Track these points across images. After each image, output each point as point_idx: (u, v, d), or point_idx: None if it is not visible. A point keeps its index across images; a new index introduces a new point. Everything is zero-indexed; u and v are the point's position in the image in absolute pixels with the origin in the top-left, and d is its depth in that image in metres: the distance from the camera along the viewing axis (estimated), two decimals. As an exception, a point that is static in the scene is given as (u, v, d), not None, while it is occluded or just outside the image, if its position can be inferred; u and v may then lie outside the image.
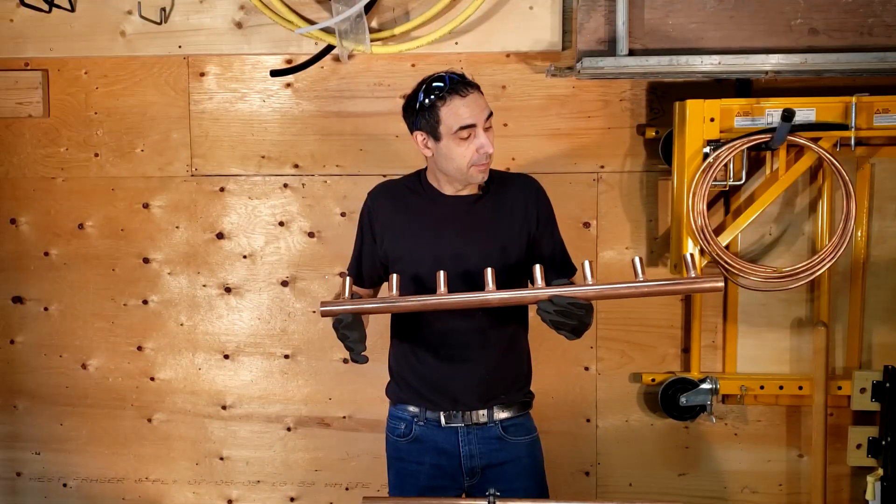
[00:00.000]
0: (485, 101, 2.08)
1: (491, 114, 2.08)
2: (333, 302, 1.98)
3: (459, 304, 1.96)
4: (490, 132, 2.08)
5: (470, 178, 2.10)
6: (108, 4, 2.88)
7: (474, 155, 2.05)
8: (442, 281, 1.95)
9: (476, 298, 1.95)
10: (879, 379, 2.70)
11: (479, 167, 2.07)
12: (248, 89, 2.92)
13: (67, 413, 3.07)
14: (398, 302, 1.97)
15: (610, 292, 1.95)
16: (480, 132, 2.04)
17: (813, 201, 2.78)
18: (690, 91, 2.73)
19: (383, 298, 2.00)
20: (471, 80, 2.08)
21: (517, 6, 2.76)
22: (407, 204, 2.19)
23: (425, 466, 2.20)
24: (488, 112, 2.07)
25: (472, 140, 2.04)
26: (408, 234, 2.17)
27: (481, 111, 2.05)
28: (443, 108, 2.04)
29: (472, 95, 2.05)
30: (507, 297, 1.95)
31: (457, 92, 2.03)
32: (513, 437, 2.20)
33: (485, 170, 2.09)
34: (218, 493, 3.05)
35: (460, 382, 2.15)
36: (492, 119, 2.09)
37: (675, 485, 2.91)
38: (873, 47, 2.52)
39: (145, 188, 2.98)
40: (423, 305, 1.98)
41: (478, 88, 2.08)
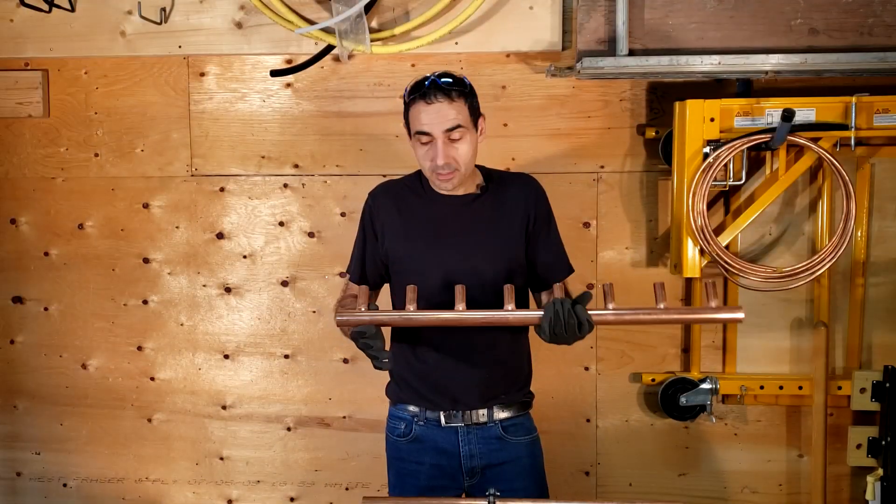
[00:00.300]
0: (454, 114, 2.02)
1: (457, 127, 2.02)
2: (350, 313, 1.95)
3: (478, 321, 1.94)
4: (457, 144, 2.04)
5: (433, 183, 2.11)
6: (108, 4, 2.88)
7: (431, 164, 2.05)
8: (460, 296, 1.92)
9: (496, 317, 1.93)
10: (879, 379, 2.70)
11: (437, 175, 2.07)
12: (248, 89, 2.92)
13: (67, 413, 3.07)
14: (415, 315, 1.94)
15: (630, 318, 1.95)
16: (438, 144, 2.02)
17: (813, 201, 2.78)
18: (690, 91, 2.73)
19: (401, 311, 1.96)
20: (450, 88, 2.02)
21: (517, 6, 2.76)
22: (407, 203, 2.19)
23: (425, 466, 2.20)
24: (449, 126, 2.01)
25: (429, 148, 2.05)
26: (407, 234, 2.17)
27: (441, 122, 2.01)
28: (411, 109, 2.06)
29: (438, 105, 2.01)
30: (524, 316, 1.93)
31: (424, 97, 2.02)
32: (513, 437, 2.19)
33: (446, 179, 2.07)
34: (218, 493, 3.05)
35: (460, 382, 2.15)
36: (463, 133, 2.04)
37: (675, 485, 2.92)
38: (873, 47, 2.52)
39: (145, 188, 2.98)
40: (440, 321, 1.95)
41: (451, 97, 2.02)
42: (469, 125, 2.06)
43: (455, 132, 2.03)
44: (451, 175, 2.07)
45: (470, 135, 2.06)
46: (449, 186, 2.10)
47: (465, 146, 2.05)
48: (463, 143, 2.05)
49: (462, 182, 2.11)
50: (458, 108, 2.03)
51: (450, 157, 2.04)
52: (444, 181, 2.08)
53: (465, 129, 2.04)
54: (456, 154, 2.04)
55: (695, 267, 2.62)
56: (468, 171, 2.10)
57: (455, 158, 2.04)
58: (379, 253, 2.21)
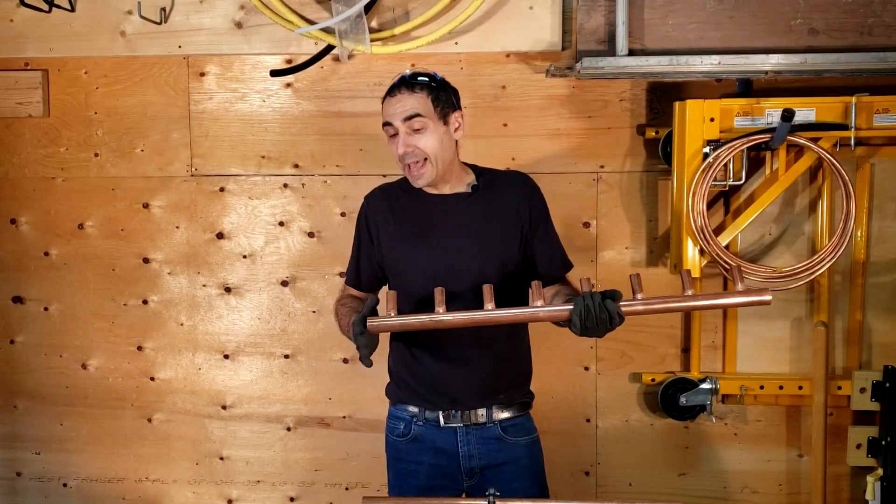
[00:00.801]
0: (413, 103, 2.05)
1: (415, 116, 2.05)
2: (380, 318, 1.95)
3: (509, 318, 1.94)
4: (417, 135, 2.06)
5: (410, 179, 2.12)
6: (108, 4, 2.88)
7: (398, 154, 2.09)
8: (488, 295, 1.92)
9: (527, 313, 1.92)
10: (879, 379, 2.70)
11: (408, 168, 2.09)
12: (248, 89, 2.92)
13: (67, 413, 3.07)
14: (445, 317, 1.93)
15: (660, 307, 1.93)
16: (400, 133, 2.06)
17: (813, 201, 2.78)
18: (690, 91, 2.73)
19: (430, 314, 1.94)
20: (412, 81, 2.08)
21: (517, 6, 2.76)
22: (400, 204, 2.20)
23: (424, 466, 2.20)
24: (407, 114, 2.05)
25: (394, 139, 2.09)
26: (401, 235, 2.17)
27: (400, 112, 2.06)
28: (382, 106, 2.13)
29: (399, 96, 2.07)
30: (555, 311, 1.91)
31: (389, 91, 2.10)
32: (512, 438, 2.19)
33: (417, 171, 2.08)
34: (218, 493, 3.05)
35: (459, 382, 2.15)
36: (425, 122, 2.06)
37: (675, 485, 2.91)
38: (873, 47, 2.52)
39: (145, 188, 2.98)
40: (470, 321, 1.95)
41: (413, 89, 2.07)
42: (432, 117, 2.07)
43: (415, 121, 2.05)
44: (422, 166, 2.07)
45: (434, 126, 2.07)
46: (421, 181, 2.10)
47: (428, 137, 2.07)
48: (425, 133, 2.07)
49: (438, 176, 2.11)
50: (419, 98, 2.07)
51: (410, 146, 2.06)
52: (416, 174, 2.09)
53: (425, 119, 2.06)
54: (418, 143, 2.06)
55: (695, 267, 2.62)
56: (443, 164, 2.10)
57: (418, 147, 2.06)
58: (375, 256, 2.21)
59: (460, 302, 2.06)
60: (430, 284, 2.06)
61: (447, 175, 2.14)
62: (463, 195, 2.16)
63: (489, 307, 1.92)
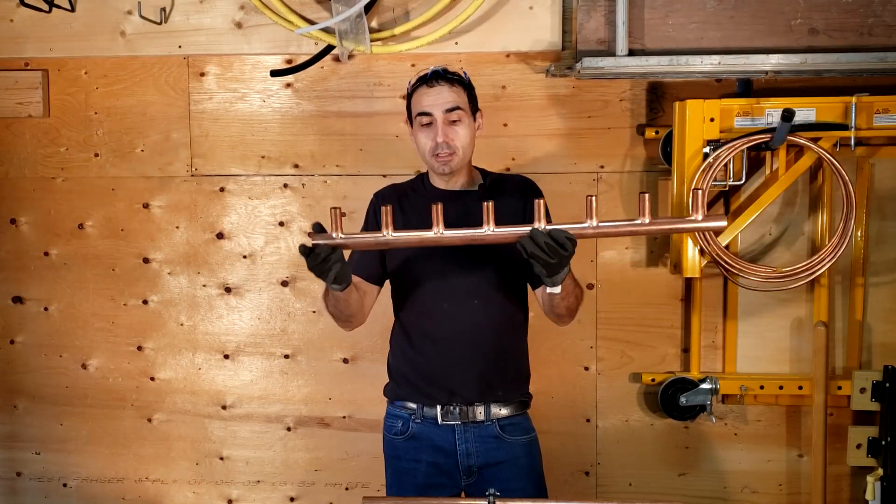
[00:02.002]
0: (453, 96, 2.12)
1: (455, 108, 2.12)
2: (323, 235, 1.91)
3: (456, 240, 1.91)
4: (456, 126, 2.12)
5: (433, 167, 2.16)
6: (108, 4, 2.89)
7: (432, 144, 2.12)
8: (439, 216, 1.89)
9: (475, 235, 1.89)
10: (879, 379, 2.70)
11: (438, 158, 2.13)
12: (248, 89, 2.92)
13: (67, 413, 3.07)
14: (391, 237, 1.90)
15: (610, 230, 1.93)
16: (438, 123, 2.11)
17: (813, 201, 2.78)
18: (690, 91, 2.73)
19: (375, 233, 1.92)
20: (451, 76, 2.16)
21: (517, 6, 2.76)
22: (410, 201, 2.24)
23: (422, 464, 2.20)
24: (449, 106, 2.12)
25: (431, 129, 2.13)
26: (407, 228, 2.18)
27: (441, 104, 2.11)
28: (413, 96, 2.17)
29: (439, 87, 2.13)
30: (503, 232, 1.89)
31: (425, 82, 2.15)
32: (510, 437, 2.20)
33: (445, 161, 2.13)
34: (218, 493, 3.05)
35: (458, 374, 2.16)
36: (462, 115, 2.13)
37: (675, 485, 2.91)
38: (873, 47, 2.52)
39: (145, 188, 2.98)
40: (417, 240, 1.92)
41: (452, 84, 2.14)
42: (467, 111, 2.16)
43: (453, 114, 2.12)
44: (450, 157, 2.13)
45: (468, 120, 2.15)
46: (447, 169, 2.14)
47: (463, 130, 2.14)
48: (461, 126, 2.13)
49: (460, 168, 2.17)
50: (458, 92, 2.15)
51: (448, 137, 2.12)
52: (443, 162, 2.13)
53: (463, 112, 2.14)
54: (454, 136, 2.12)
55: (695, 267, 2.62)
56: (465, 157, 2.17)
57: (453, 139, 2.12)
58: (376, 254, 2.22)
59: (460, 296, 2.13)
60: (433, 277, 2.12)
61: (462, 171, 2.20)
62: (471, 193, 2.20)
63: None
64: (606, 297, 2.87)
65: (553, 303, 2.07)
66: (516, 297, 2.23)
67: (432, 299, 2.17)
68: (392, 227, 1.90)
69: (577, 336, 2.87)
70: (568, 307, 2.10)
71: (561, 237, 1.86)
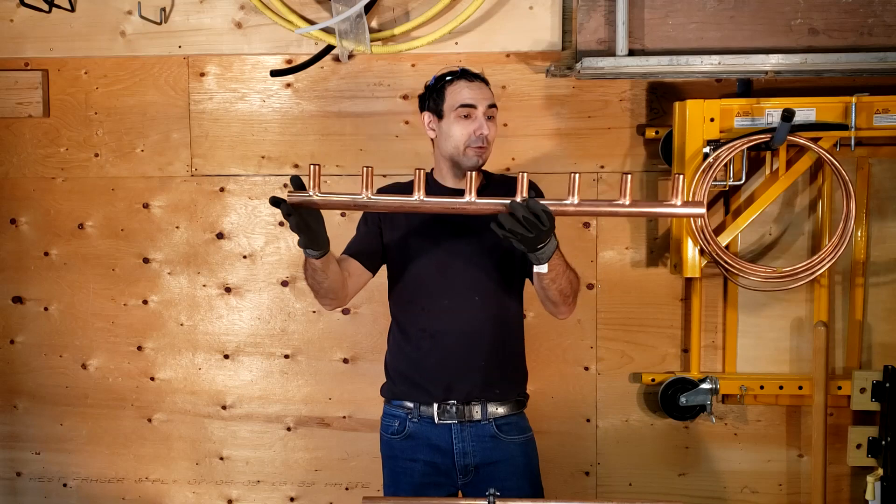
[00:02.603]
0: (490, 94, 2.21)
1: (494, 106, 2.19)
2: (301, 193, 1.87)
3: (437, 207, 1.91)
4: (491, 123, 2.18)
5: (465, 158, 2.16)
6: (108, 4, 2.89)
7: (471, 136, 2.15)
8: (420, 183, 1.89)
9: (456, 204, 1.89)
10: (879, 379, 2.70)
11: (474, 149, 2.15)
12: (248, 89, 2.92)
13: (67, 413, 3.07)
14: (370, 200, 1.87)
15: (590, 210, 1.94)
16: (480, 116, 2.16)
17: (813, 201, 2.79)
18: (690, 91, 2.73)
19: (354, 195, 1.88)
20: (483, 77, 2.24)
21: (517, 6, 2.76)
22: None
23: (419, 464, 2.21)
24: (491, 102, 2.19)
25: (471, 121, 2.15)
26: (408, 222, 2.21)
27: (484, 98, 2.18)
28: (449, 87, 2.19)
29: (478, 83, 2.20)
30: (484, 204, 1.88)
31: (464, 76, 2.20)
32: (507, 436, 2.20)
33: (481, 154, 2.16)
34: (218, 493, 3.05)
35: (455, 370, 2.17)
36: (495, 113, 2.20)
37: (675, 485, 2.91)
38: (873, 47, 2.52)
39: (145, 188, 2.98)
40: (397, 206, 1.92)
41: (487, 83, 2.23)
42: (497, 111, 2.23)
43: (492, 110, 2.19)
44: (484, 150, 2.17)
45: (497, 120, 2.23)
46: (480, 161, 2.18)
47: (495, 128, 2.21)
48: (493, 124, 2.20)
49: (486, 160, 2.21)
50: (491, 92, 2.23)
51: (490, 130, 2.17)
52: (479, 154, 2.17)
53: (496, 111, 2.21)
54: (490, 131, 2.17)
55: (695, 267, 2.63)
56: (490, 153, 2.21)
57: (491, 133, 2.17)
58: (375, 241, 2.23)
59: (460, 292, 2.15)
60: (431, 271, 2.14)
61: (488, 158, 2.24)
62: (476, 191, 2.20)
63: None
64: (606, 297, 2.87)
65: (543, 285, 2.06)
66: (516, 296, 2.24)
67: (432, 294, 2.18)
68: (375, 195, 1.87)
69: (577, 336, 2.87)
70: (561, 291, 2.09)
71: (538, 209, 1.86)
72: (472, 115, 2.15)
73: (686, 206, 1.91)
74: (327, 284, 2.10)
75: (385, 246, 2.23)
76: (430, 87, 2.24)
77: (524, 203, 1.86)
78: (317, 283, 2.09)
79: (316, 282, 2.09)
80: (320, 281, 2.08)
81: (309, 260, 2.02)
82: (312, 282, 2.11)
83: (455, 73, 2.22)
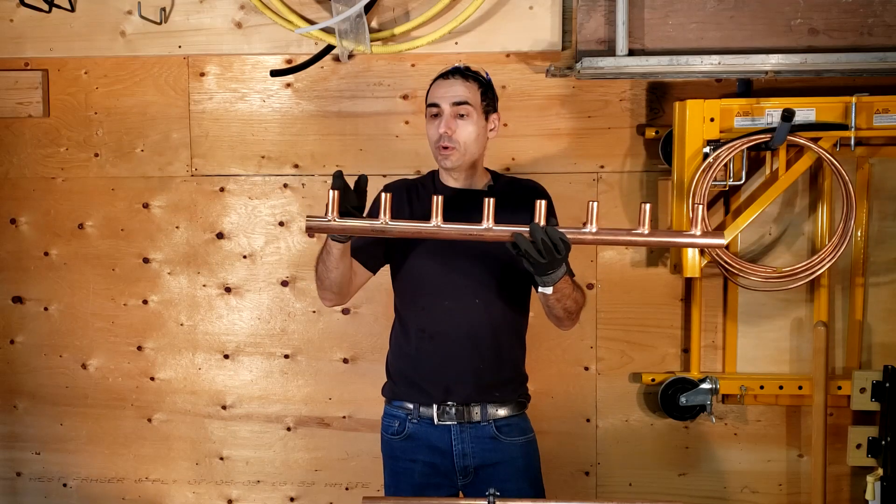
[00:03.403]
0: (463, 91, 2.14)
1: (463, 103, 2.13)
2: (320, 218, 1.89)
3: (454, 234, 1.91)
4: (462, 121, 2.12)
5: (436, 160, 2.17)
6: (108, 4, 2.88)
7: (436, 135, 2.13)
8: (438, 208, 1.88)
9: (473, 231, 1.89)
10: (879, 379, 2.70)
11: (439, 150, 2.14)
12: (248, 89, 2.92)
13: (67, 413, 3.07)
14: (388, 225, 1.89)
15: (609, 239, 1.94)
16: (445, 115, 2.12)
17: (813, 201, 2.78)
18: (690, 91, 2.73)
19: (372, 220, 1.90)
20: (469, 73, 2.19)
21: (517, 6, 2.76)
22: (418, 196, 2.24)
23: (419, 464, 2.21)
24: (457, 100, 2.13)
25: (438, 120, 2.14)
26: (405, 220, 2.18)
27: (451, 96, 2.13)
28: (430, 87, 2.19)
29: (452, 80, 2.16)
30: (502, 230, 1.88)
31: (442, 76, 2.17)
32: (507, 438, 2.20)
33: (447, 156, 2.14)
34: (218, 493, 3.05)
35: (455, 372, 2.17)
36: (469, 110, 2.13)
37: (675, 485, 2.91)
38: (873, 47, 2.52)
39: (145, 188, 2.98)
40: (415, 232, 1.92)
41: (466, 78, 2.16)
42: (477, 108, 2.16)
43: (461, 108, 2.13)
44: (451, 151, 2.13)
45: (477, 118, 2.15)
46: (447, 163, 2.15)
47: (469, 126, 2.14)
48: (467, 122, 2.14)
49: (463, 165, 2.17)
50: (471, 88, 2.16)
51: (451, 129, 2.12)
52: (445, 156, 2.14)
53: (471, 108, 2.14)
54: (458, 129, 2.12)
55: (695, 267, 2.62)
56: (468, 154, 2.16)
57: (455, 133, 2.12)
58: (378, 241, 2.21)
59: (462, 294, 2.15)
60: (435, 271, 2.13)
61: (471, 170, 2.21)
62: (479, 192, 2.21)
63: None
64: (606, 297, 2.87)
65: (548, 303, 2.07)
66: (518, 299, 2.24)
67: (434, 296, 2.17)
68: (390, 216, 1.89)
69: (577, 336, 2.87)
70: (566, 310, 2.10)
71: (556, 237, 1.86)
72: (439, 114, 2.14)
73: (705, 236, 1.91)
74: (335, 275, 2.09)
75: (389, 245, 2.22)
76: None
77: (544, 229, 1.86)
78: (327, 270, 2.08)
79: (326, 269, 2.08)
80: (331, 269, 2.07)
81: (329, 244, 2.01)
82: (323, 269, 2.09)
83: (440, 74, 2.20)
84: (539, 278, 1.95)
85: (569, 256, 2.24)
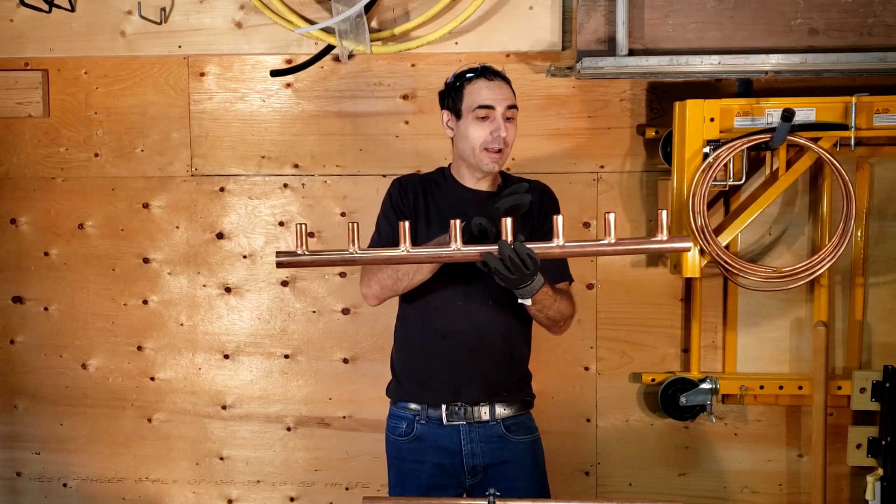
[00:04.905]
0: (511, 94, 2.17)
1: (514, 106, 2.15)
2: (290, 252, 1.90)
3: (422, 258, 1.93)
4: (510, 124, 2.14)
5: (480, 162, 2.15)
6: (108, 4, 2.88)
7: (488, 137, 2.12)
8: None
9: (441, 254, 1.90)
10: (879, 379, 2.70)
11: (489, 152, 2.13)
12: (248, 89, 2.92)
13: (67, 413, 3.07)
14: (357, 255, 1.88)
15: (576, 251, 1.95)
16: (498, 118, 2.12)
17: (813, 201, 2.78)
18: (690, 91, 2.73)
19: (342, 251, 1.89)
20: (504, 75, 2.21)
21: (517, 6, 2.76)
22: (432, 192, 2.25)
23: (427, 465, 2.20)
24: (510, 103, 2.15)
25: (488, 122, 2.13)
26: (429, 218, 2.21)
27: (503, 98, 2.14)
28: (467, 87, 2.16)
29: (498, 82, 2.17)
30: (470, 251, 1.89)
31: (483, 75, 2.17)
32: (514, 436, 2.20)
33: (497, 159, 2.15)
34: (218, 493, 3.05)
35: (462, 373, 2.17)
36: (515, 114, 2.16)
37: (675, 485, 2.91)
38: (873, 47, 2.52)
39: (145, 188, 2.98)
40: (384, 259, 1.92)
41: (507, 82, 2.20)
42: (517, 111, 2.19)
43: (511, 111, 2.15)
44: (500, 153, 2.14)
45: (516, 122, 2.18)
46: (496, 166, 2.17)
47: (514, 130, 2.17)
48: (513, 125, 2.17)
49: (503, 164, 2.19)
50: (512, 91, 2.20)
51: (507, 132, 2.14)
52: (493, 159, 2.14)
53: (516, 112, 2.17)
54: (509, 132, 2.14)
55: (695, 267, 2.62)
56: (508, 156, 2.19)
57: (508, 135, 2.14)
58: None
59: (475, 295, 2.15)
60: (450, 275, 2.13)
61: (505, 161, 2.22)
62: (490, 193, 2.22)
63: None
64: (606, 297, 2.87)
65: (531, 312, 2.10)
66: None
67: (447, 296, 2.17)
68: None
69: (577, 336, 2.87)
70: (549, 318, 2.13)
71: (523, 252, 1.88)
72: (490, 117, 2.13)
73: (672, 240, 1.92)
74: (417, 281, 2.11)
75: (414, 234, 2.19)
76: (449, 84, 2.21)
77: (512, 246, 1.87)
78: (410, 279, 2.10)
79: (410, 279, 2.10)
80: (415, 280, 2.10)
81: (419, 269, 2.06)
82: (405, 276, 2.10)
83: (475, 71, 2.18)
84: (515, 291, 1.98)
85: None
